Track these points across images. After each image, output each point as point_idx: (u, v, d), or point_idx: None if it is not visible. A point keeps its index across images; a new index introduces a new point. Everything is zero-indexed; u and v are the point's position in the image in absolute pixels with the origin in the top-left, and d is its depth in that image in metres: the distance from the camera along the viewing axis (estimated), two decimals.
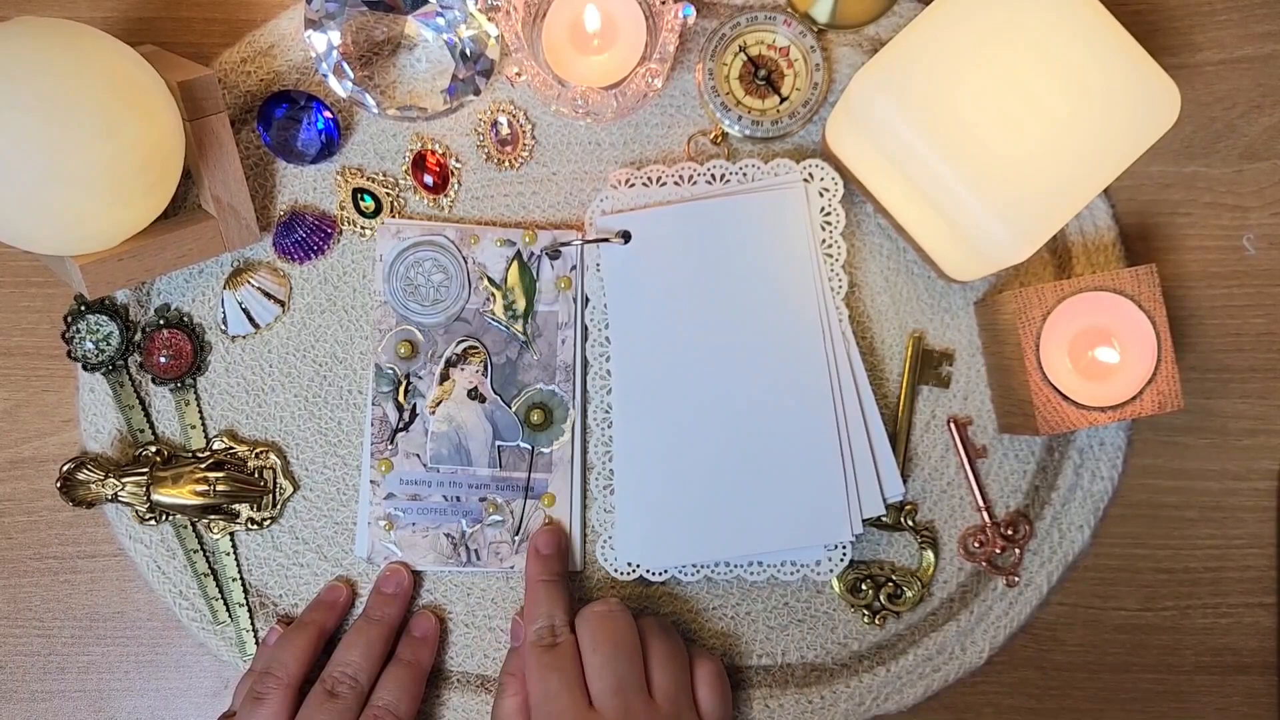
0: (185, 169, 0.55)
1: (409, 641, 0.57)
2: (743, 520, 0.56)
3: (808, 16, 0.58)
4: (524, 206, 0.59)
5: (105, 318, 0.58)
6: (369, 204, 0.58)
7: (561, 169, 0.59)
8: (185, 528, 0.58)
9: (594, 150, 0.59)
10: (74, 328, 0.58)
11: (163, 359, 0.58)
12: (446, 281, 0.57)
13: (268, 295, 0.58)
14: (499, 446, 0.58)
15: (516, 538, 0.58)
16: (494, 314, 0.58)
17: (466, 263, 0.58)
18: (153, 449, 0.58)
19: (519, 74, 0.54)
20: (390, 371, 0.58)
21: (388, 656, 0.56)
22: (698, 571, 0.57)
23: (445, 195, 0.59)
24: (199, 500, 0.57)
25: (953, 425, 0.58)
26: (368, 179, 0.58)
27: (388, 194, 0.58)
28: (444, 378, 0.58)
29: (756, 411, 0.56)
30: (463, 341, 0.58)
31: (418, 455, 0.57)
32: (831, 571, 0.57)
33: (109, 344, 0.58)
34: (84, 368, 0.58)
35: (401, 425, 0.57)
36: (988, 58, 0.48)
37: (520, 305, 0.58)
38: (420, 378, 0.58)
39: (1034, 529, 0.58)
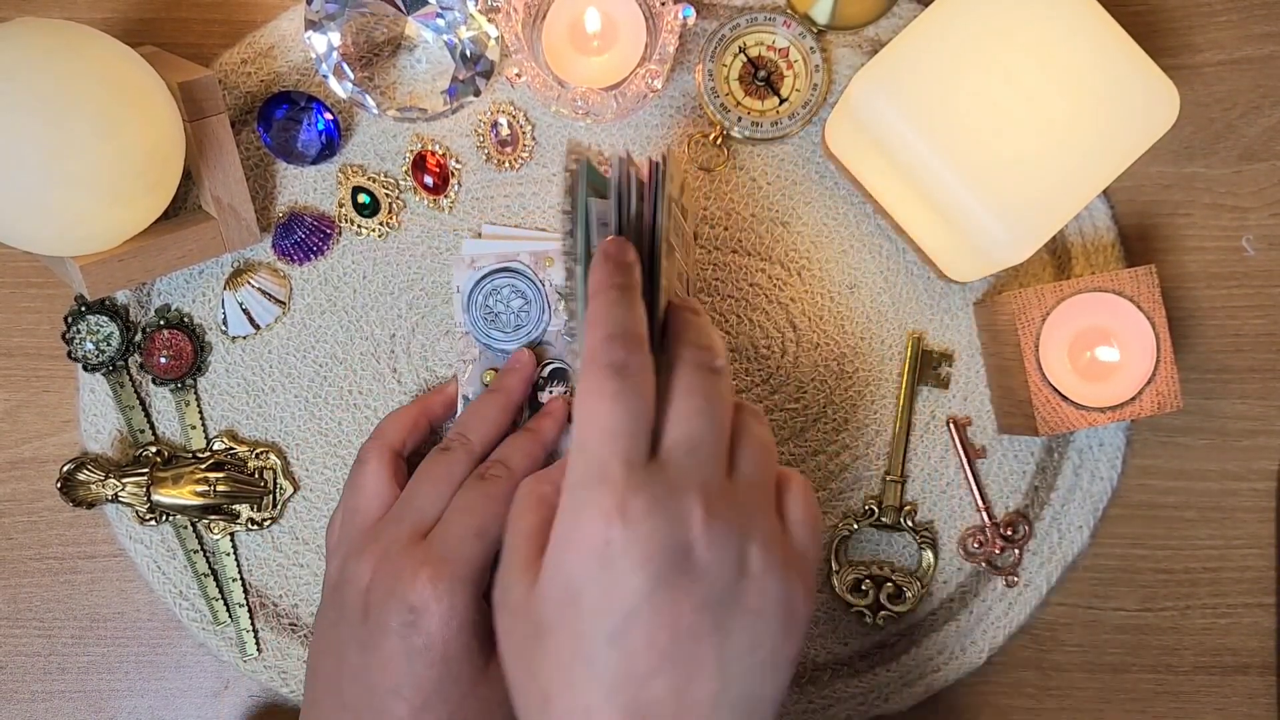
0: (185, 169, 0.55)
1: (535, 415, 0.55)
2: None
3: (807, 18, 0.58)
4: (524, 207, 0.59)
5: (105, 318, 0.58)
6: (367, 203, 0.58)
7: (561, 170, 0.59)
8: (185, 528, 0.58)
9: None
10: (74, 328, 0.58)
11: (163, 359, 0.58)
12: (526, 307, 0.56)
13: (268, 296, 0.58)
14: None
15: None
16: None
17: (544, 286, 0.57)
18: (153, 449, 0.58)
19: (519, 75, 0.54)
20: None
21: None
22: None
23: (445, 196, 0.59)
24: (199, 500, 0.57)
25: (952, 426, 0.58)
26: (369, 178, 0.58)
27: (387, 195, 0.58)
28: (533, 402, 0.57)
29: None
30: (548, 364, 0.57)
31: None
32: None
33: (109, 344, 0.58)
34: (84, 368, 0.58)
35: None
36: (987, 58, 0.48)
37: None
38: None
39: (1033, 529, 0.58)
